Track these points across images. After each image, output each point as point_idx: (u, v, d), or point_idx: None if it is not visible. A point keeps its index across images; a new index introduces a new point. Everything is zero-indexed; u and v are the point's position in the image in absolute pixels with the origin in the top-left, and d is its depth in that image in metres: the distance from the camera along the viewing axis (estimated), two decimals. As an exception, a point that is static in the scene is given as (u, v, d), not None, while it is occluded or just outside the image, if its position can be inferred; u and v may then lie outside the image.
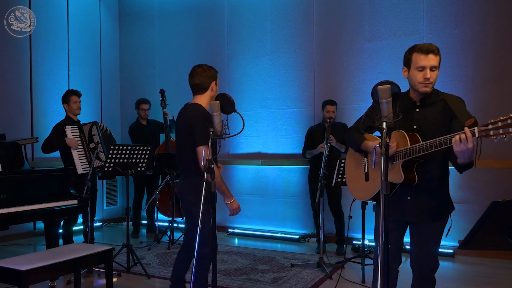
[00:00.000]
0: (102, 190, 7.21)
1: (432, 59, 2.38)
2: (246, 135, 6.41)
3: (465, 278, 4.32)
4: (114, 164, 4.37)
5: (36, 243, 5.84)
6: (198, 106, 3.06)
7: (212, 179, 2.73)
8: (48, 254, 3.00)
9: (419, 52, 2.40)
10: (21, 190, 3.52)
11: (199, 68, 3.07)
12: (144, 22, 7.47)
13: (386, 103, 2.18)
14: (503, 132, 1.95)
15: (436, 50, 2.40)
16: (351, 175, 2.81)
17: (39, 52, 6.36)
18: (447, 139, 2.14)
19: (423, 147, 2.26)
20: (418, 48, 2.42)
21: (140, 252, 5.27)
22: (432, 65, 2.38)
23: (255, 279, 4.25)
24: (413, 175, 2.40)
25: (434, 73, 2.40)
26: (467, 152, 2.08)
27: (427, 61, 2.37)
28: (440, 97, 2.46)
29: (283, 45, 6.26)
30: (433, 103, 2.46)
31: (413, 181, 2.40)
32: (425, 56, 2.38)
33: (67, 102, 4.93)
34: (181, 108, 3.22)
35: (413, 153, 2.32)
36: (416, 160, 2.38)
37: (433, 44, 2.44)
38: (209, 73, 3.08)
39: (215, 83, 3.12)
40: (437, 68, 2.41)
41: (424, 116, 2.43)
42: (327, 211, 5.45)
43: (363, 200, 2.67)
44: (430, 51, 2.38)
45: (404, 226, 2.60)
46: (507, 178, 4.89)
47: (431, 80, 2.39)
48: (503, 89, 4.95)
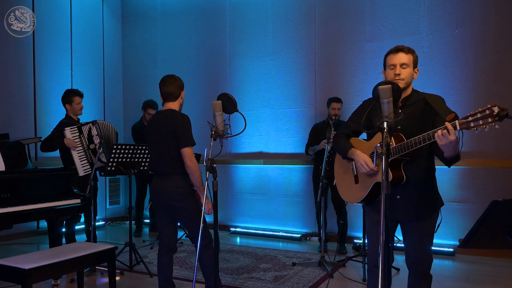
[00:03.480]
0: (105, 189, 7.25)
1: (402, 57, 2.50)
2: (248, 134, 6.44)
3: (466, 276, 4.34)
4: (116, 163, 4.40)
5: (39, 242, 5.87)
6: (176, 111, 3.35)
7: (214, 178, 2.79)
8: (51, 253, 3.02)
9: (390, 53, 2.55)
10: (24, 189, 3.54)
11: (171, 78, 3.36)
12: (146, 23, 7.50)
13: (387, 103, 2.21)
14: (482, 123, 2.00)
15: (407, 49, 2.52)
16: (340, 180, 2.86)
17: (42, 52, 6.40)
18: (430, 134, 2.22)
19: (408, 145, 2.33)
20: (390, 50, 2.56)
21: (143, 251, 5.30)
22: (401, 62, 2.50)
23: (256, 277, 4.27)
24: (401, 173, 2.45)
25: (405, 70, 2.50)
26: (451, 145, 2.13)
27: (396, 59, 2.51)
28: (420, 96, 2.55)
29: (284, 45, 6.28)
30: (414, 102, 2.54)
31: (401, 179, 2.46)
32: (395, 55, 2.52)
33: (70, 103, 4.86)
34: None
35: (399, 151, 2.38)
36: (402, 159, 2.43)
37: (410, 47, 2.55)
38: (180, 83, 3.39)
39: (183, 93, 3.45)
40: (408, 66, 2.51)
41: (406, 116, 2.47)
42: (331, 210, 5.46)
43: (354, 202, 2.72)
44: (399, 50, 2.52)
45: (395, 225, 2.65)
46: (507, 177, 4.90)
47: (402, 76, 2.49)
48: (503, 89, 4.96)
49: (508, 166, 4.89)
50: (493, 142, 4.92)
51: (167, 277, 3.39)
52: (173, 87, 3.33)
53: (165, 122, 3.26)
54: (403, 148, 2.35)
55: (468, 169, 4.95)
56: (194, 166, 3.18)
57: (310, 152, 5.42)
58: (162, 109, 3.40)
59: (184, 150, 3.18)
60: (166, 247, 3.40)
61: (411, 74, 2.53)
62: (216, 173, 2.90)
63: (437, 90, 4.95)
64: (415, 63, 2.54)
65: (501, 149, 4.92)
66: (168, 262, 3.40)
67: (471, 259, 4.90)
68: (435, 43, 5.29)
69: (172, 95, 3.35)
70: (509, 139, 4.93)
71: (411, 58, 2.52)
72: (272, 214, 6.35)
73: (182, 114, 3.32)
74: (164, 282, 3.38)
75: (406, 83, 2.51)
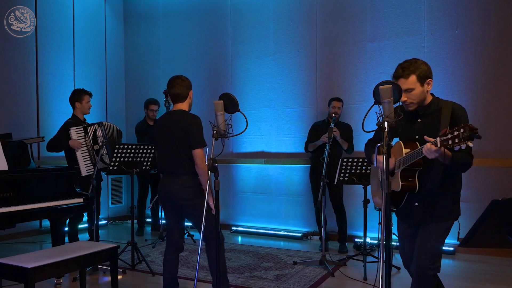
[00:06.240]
0: (107, 188, 7.27)
1: (402, 83, 2.49)
2: (250, 134, 6.46)
3: (466, 275, 4.36)
4: (119, 163, 4.43)
5: (42, 241, 5.90)
6: (187, 112, 3.38)
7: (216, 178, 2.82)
8: (54, 252, 3.03)
9: (393, 78, 2.55)
10: (27, 188, 3.56)
11: (178, 79, 3.38)
12: (149, 23, 7.52)
13: (387, 103, 2.23)
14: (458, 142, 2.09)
15: (407, 73, 2.48)
16: (373, 184, 3.05)
17: (45, 52, 6.43)
18: (420, 149, 2.34)
19: (409, 157, 2.44)
20: (393, 74, 2.56)
21: (145, 249, 5.32)
22: (404, 88, 2.47)
23: (258, 276, 4.29)
24: (413, 182, 2.52)
25: (411, 93, 2.50)
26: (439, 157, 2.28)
27: None
28: (439, 105, 2.55)
29: (286, 46, 6.30)
30: (433, 112, 2.56)
31: (413, 188, 2.53)
32: (396, 82, 2.50)
33: (80, 101, 4.92)
34: None
35: (405, 162, 2.48)
36: (415, 169, 2.50)
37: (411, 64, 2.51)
38: (187, 83, 3.41)
39: (191, 92, 3.47)
40: (414, 88, 2.49)
41: (424, 126, 2.54)
42: (329, 209, 5.48)
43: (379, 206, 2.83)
44: (399, 77, 2.51)
45: (417, 231, 2.68)
46: (507, 176, 4.92)
47: (408, 101, 2.52)
48: (503, 89, 4.98)
49: (508, 165, 4.91)
50: (493, 142, 4.94)
51: (172, 275, 3.40)
52: (180, 88, 3.35)
53: (177, 123, 3.28)
54: (407, 160, 2.46)
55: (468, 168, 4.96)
56: (205, 167, 3.20)
57: (310, 149, 5.43)
58: (173, 109, 3.41)
59: (196, 151, 3.21)
60: (174, 246, 3.42)
61: (421, 92, 2.51)
62: (218, 172, 2.92)
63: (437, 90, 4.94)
64: (422, 79, 2.49)
65: (501, 149, 4.94)
66: (174, 260, 3.42)
67: (472, 258, 4.92)
68: (435, 43, 5.30)
69: (180, 96, 3.37)
70: (509, 139, 4.95)
71: (414, 79, 2.48)
72: (273, 213, 6.37)
73: (193, 115, 3.34)
74: (168, 280, 3.39)
75: (417, 103, 2.54)
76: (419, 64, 2.50)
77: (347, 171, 4.48)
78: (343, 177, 4.50)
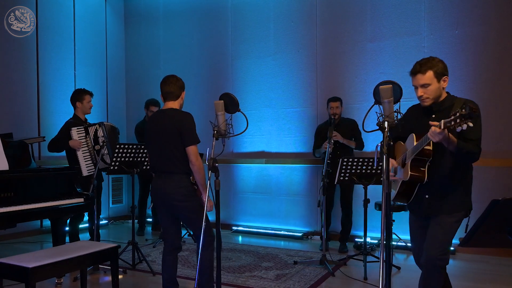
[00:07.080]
0: (108, 188, 7.28)
1: (420, 78, 2.59)
2: (250, 134, 6.46)
3: (466, 275, 4.36)
4: (120, 162, 4.43)
5: (43, 240, 5.91)
6: (179, 110, 3.35)
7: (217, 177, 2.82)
8: (54, 252, 3.04)
9: (411, 74, 2.64)
10: (28, 188, 3.57)
11: (172, 78, 3.36)
12: (149, 23, 7.53)
13: (387, 103, 2.25)
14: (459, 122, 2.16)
15: (424, 68, 2.57)
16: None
17: (45, 52, 6.43)
18: (426, 135, 2.42)
19: (418, 145, 2.52)
20: (410, 71, 2.65)
21: (145, 249, 5.33)
22: (421, 84, 2.59)
23: (258, 276, 4.30)
24: (422, 173, 2.57)
25: (428, 89, 2.59)
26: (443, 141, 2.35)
27: (416, 81, 2.62)
28: (452, 102, 2.65)
29: (286, 46, 6.31)
30: (447, 107, 2.63)
31: (422, 179, 2.58)
32: (414, 77, 2.62)
33: (81, 101, 4.90)
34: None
35: (414, 151, 2.54)
36: (423, 159, 2.56)
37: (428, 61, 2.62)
38: (181, 84, 3.38)
39: (184, 94, 3.43)
40: (430, 84, 2.58)
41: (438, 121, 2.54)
42: (336, 207, 5.49)
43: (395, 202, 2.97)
44: (416, 72, 2.60)
45: (428, 224, 2.72)
46: (508, 176, 4.92)
47: (425, 96, 2.61)
48: (504, 89, 4.98)
49: (508, 165, 4.91)
50: (493, 142, 4.94)
51: (171, 275, 3.39)
52: (174, 87, 3.32)
53: (169, 121, 3.23)
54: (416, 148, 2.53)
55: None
56: (200, 164, 3.17)
57: (316, 154, 5.45)
58: (163, 108, 3.38)
59: (190, 148, 3.16)
60: (170, 246, 3.40)
61: (437, 88, 2.60)
62: (218, 172, 2.92)
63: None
64: (439, 75, 2.59)
65: (501, 149, 4.94)
66: (172, 260, 3.41)
67: (472, 257, 4.92)
68: (435, 43, 5.31)
69: (173, 94, 3.33)
70: (509, 139, 4.95)
71: (431, 74, 2.57)
72: (273, 213, 6.38)
73: (185, 112, 3.29)
74: (167, 280, 3.39)
75: (432, 99, 2.62)
76: (436, 61, 2.62)
77: (347, 171, 4.48)
78: (343, 177, 4.50)
